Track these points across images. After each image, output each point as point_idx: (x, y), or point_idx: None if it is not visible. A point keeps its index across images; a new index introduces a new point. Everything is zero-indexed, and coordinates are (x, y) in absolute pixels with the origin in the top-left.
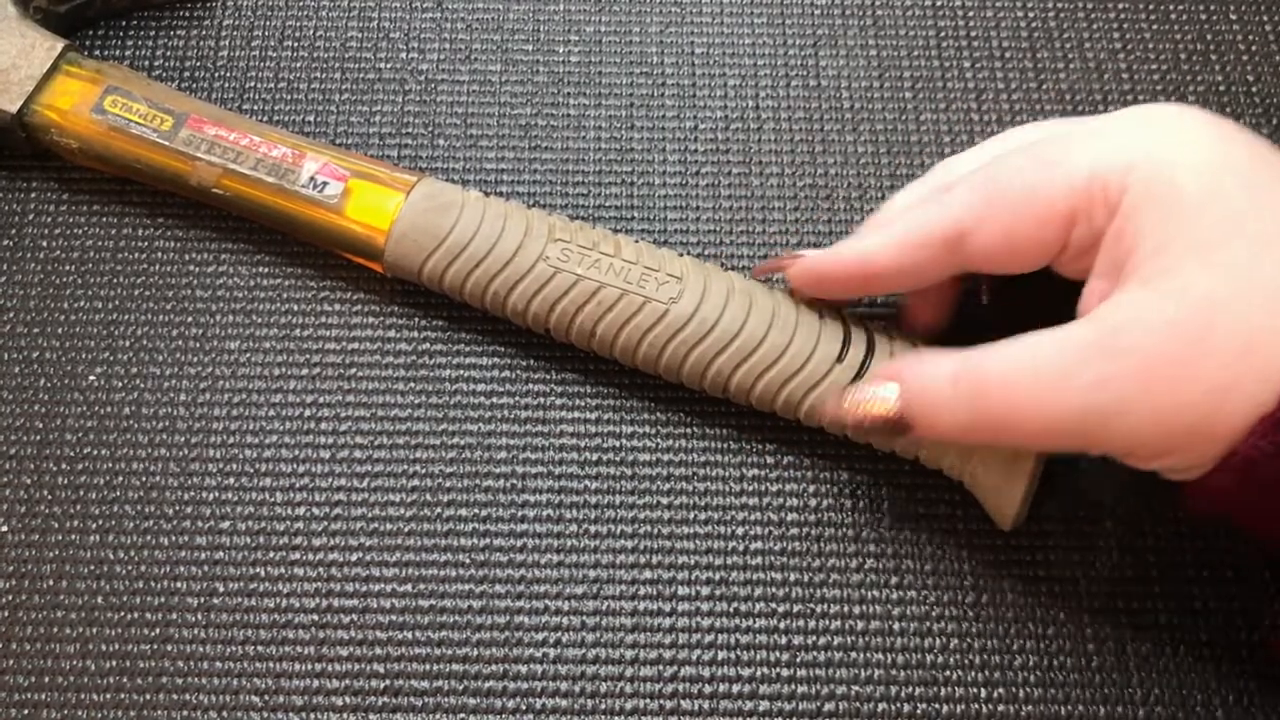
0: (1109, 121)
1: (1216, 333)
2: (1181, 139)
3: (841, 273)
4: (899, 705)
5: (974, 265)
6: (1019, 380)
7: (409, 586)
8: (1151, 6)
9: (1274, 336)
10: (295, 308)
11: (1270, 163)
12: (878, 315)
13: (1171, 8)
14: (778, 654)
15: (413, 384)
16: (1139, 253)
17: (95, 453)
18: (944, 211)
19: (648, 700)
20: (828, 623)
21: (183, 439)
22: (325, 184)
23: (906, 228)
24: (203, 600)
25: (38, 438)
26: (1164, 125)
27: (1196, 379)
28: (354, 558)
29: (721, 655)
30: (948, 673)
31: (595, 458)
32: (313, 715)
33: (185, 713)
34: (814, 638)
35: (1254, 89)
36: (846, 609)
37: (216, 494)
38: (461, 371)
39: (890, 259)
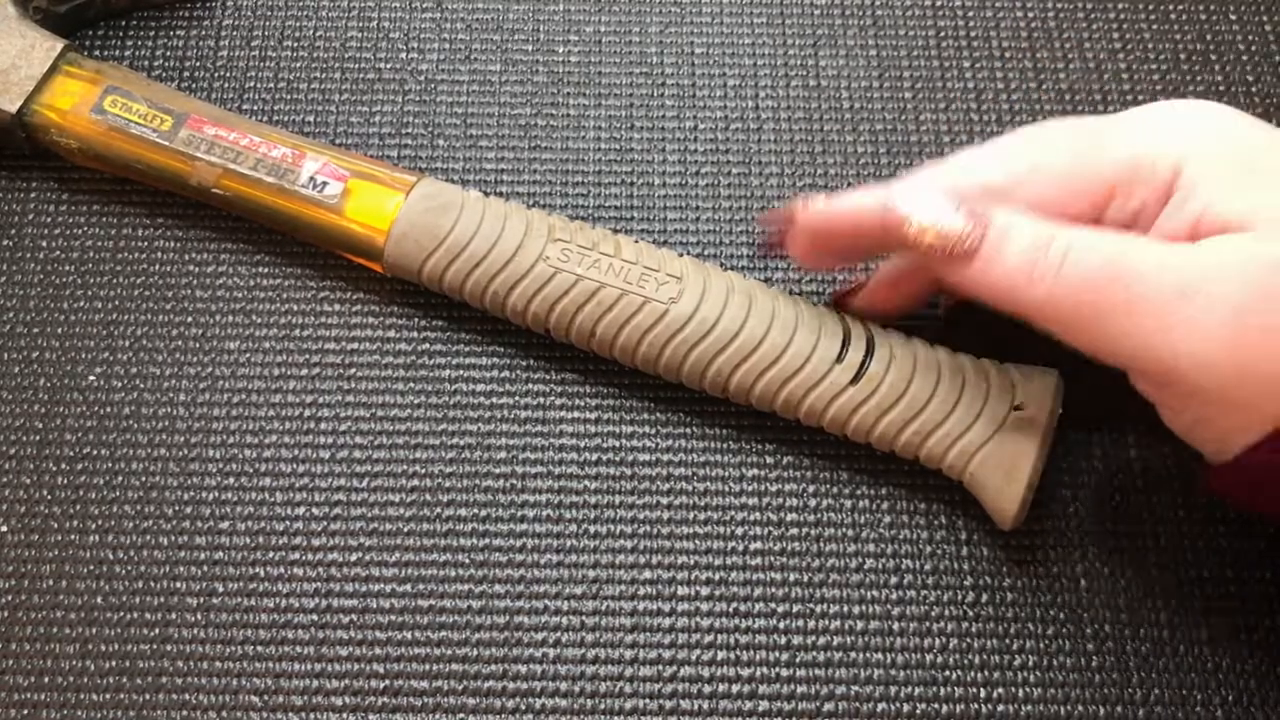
0: (1144, 110)
1: None
2: (1220, 119)
3: (856, 218)
4: (898, 705)
5: None
6: (1129, 278)
7: (408, 586)
8: (1151, 6)
9: None
10: (295, 308)
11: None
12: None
13: (1171, 8)
14: (777, 654)
15: (412, 384)
16: (1213, 218)
17: (95, 453)
18: (973, 172)
19: (647, 700)
20: (827, 622)
21: (182, 439)
22: (325, 184)
23: (933, 182)
24: (202, 600)
25: (37, 438)
26: (1197, 111)
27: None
28: (353, 558)
29: (721, 655)
30: (947, 672)
31: (595, 458)
32: (312, 715)
33: (185, 713)
34: (813, 638)
35: (1254, 89)
36: (846, 609)
37: (216, 494)
38: (461, 371)
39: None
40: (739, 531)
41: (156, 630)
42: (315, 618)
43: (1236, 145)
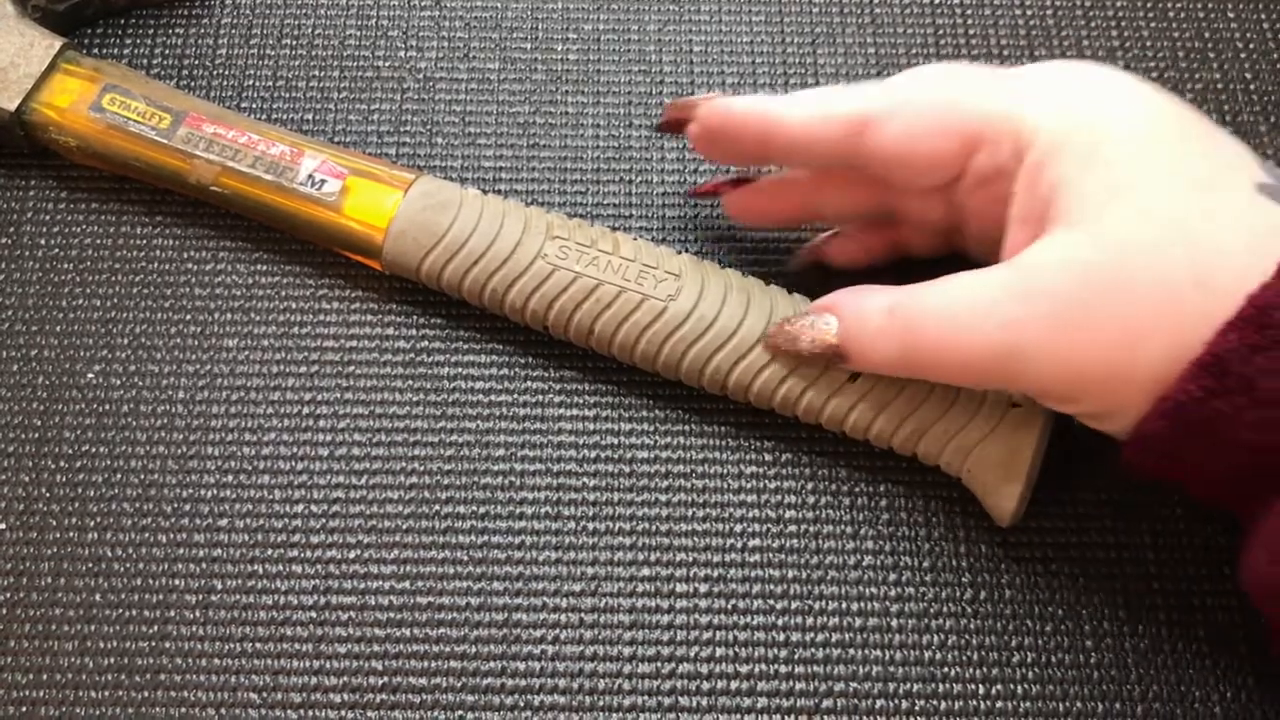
0: (1032, 69)
1: (1134, 277)
2: (1104, 92)
3: (744, 119)
4: (897, 702)
5: (869, 161)
6: (940, 318)
7: (407, 584)
8: (1149, 5)
9: (1198, 285)
10: (293, 305)
11: (1193, 118)
12: None
13: (1169, 6)
14: (776, 651)
15: (411, 381)
16: (1060, 198)
17: (94, 450)
18: (856, 95)
19: (646, 697)
20: (826, 619)
21: (181, 436)
22: (323, 182)
23: (819, 98)
24: (201, 597)
25: (36, 435)
26: (1086, 79)
27: (1109, 323)
28: (352, 555)
29: (720, 652)
30: (946, 669)
31: (593, 455)
32: (311, 712)
33: (183, 710)
34: (812, 634)
35: (1251, 87)
36: (845, 606)
37: (215, 491)
38: (460, 369)
39: (793, 120)
40: (738, 528)
41: (155, 628)
42: (314, 615)
43: (1100, 123)
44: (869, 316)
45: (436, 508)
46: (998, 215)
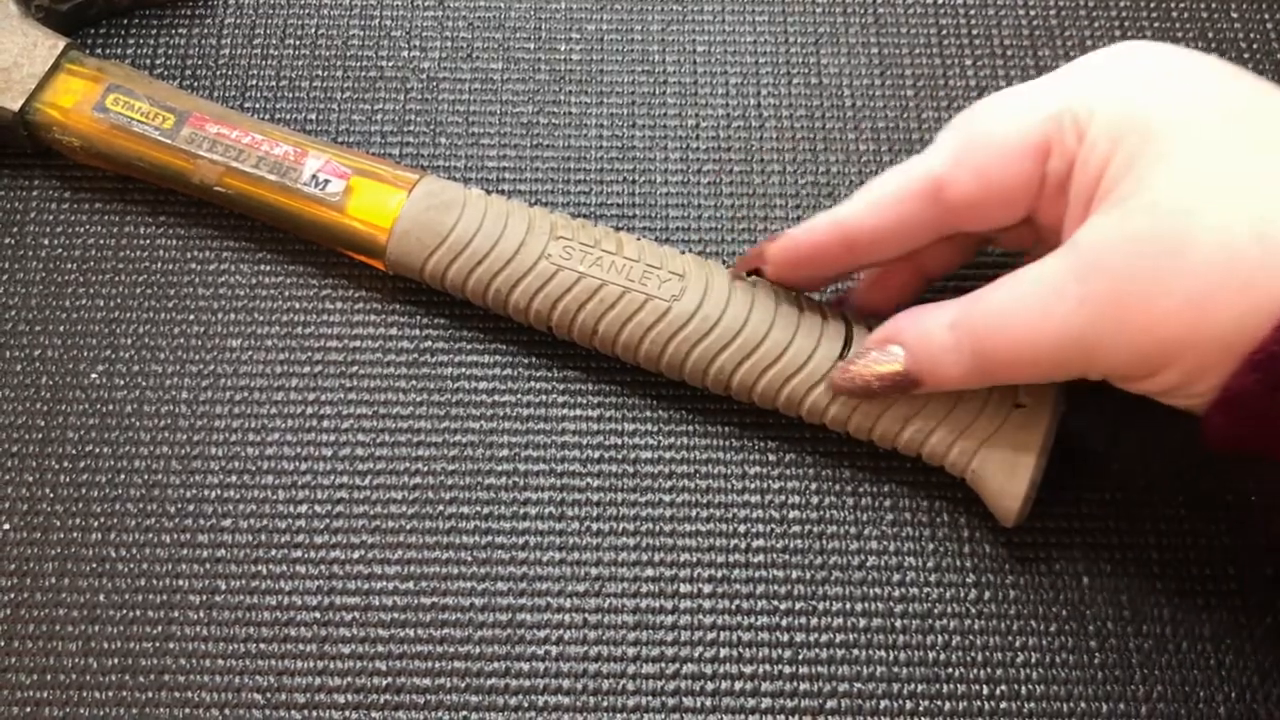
0: (1076, 62)
1: (1193, 240)
2: (1148, 66)
3: (819, 243)
4: (901, 702)
5: (958, 218)
6: (1007, 318)
7: (411, 584)
8: (1153, 4)
9: (1259, 239)
10: (297, 305)
11: (1248, 82)
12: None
13: (1173, 5)
14: (780, 651)
15: (415, 382)
16: (1109, 175)
17: (97, 451)
18: (918, 162)
19: (650, 698)
20: (830, 620)
21: (185, 437)
22: (327, 182)
23: (882, 185)
24: (205, 598)
25: (40, 436)
26: (1129, 57)
27: (1175, 289)
28: (356, 555)
29: (724, 653)
30: (950, 670)
31: (597, 455)
32: (315, 713)
33: (187, 710)
34: (816, 635)
35: None
36: (849, 606)
37: (219, 492)
38: (463, 369)
39: (868, 220)
40: (741, 529)
41: (159, 628)
42: (318, 615)
43: (1151, 96)
44: (934, 336)
45: (440, 508)
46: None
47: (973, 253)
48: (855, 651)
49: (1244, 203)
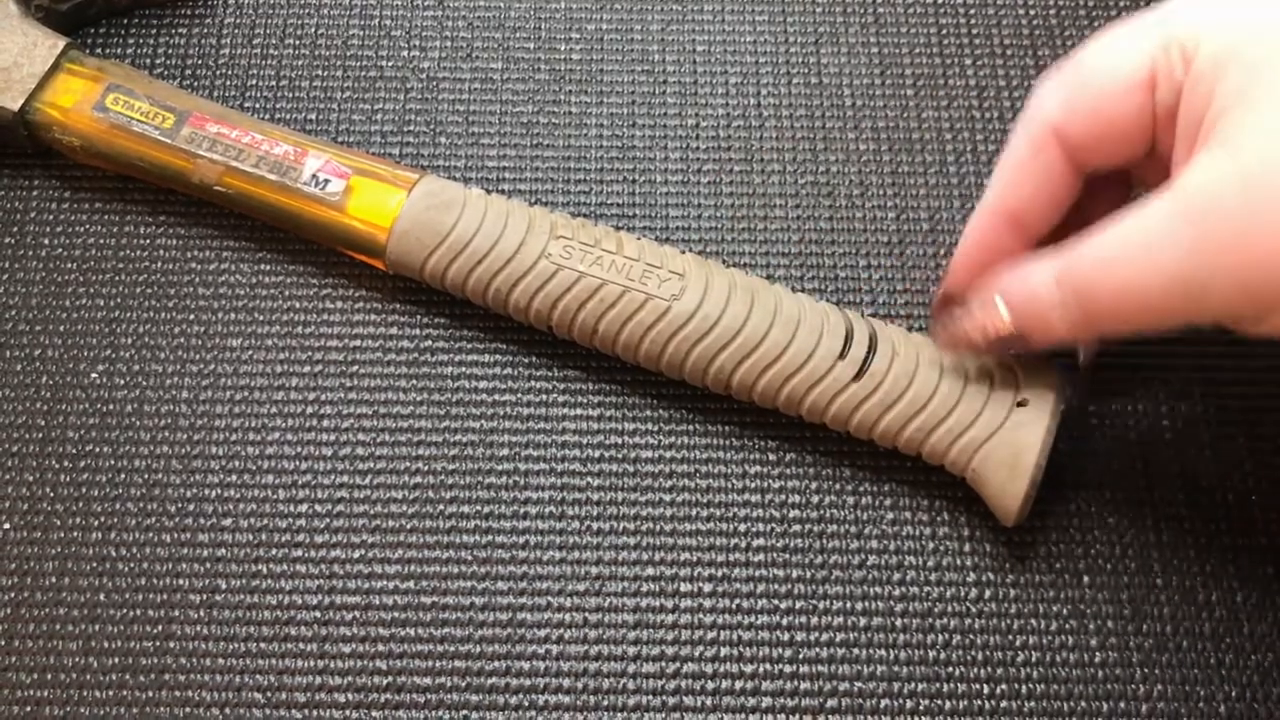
0: None
1: None
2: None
3: (985, 238)
4: (901, 701)
5: (1086, 158)
6: (1115, 266)
7: (411, 583)
8: (1153, 4)
9: None
10: (297, 305)
11: None
12: (883, 316)
13: None
14: (780, 650)
15: (415, 381)
16: (1213, 113)
17: (98, 450)
18: (1033, 116)
19: (650, 697)
20: (830, 619)
21: (185, 436)
22: (327, 181)
23: (1010, 153)
24: (205, 597)
25: (40, 435)
26: None
27: None
28: (356, 555)
29: (724, 652)
30: (950, 669)
31: (597, 454)
32: (315, 712)
33: (188, 710)
34: (816, 634)
35: None
36: (849, 605)
37: (219, 491)
38: (464, 369)
39: (1010, 193)
40: (742, 528)
41: (159, 627)
42: (318, 614)
43: (1258, 33)
44: (1038, 291)
45: (441, 507)
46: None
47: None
48: (856, 650)
49: None
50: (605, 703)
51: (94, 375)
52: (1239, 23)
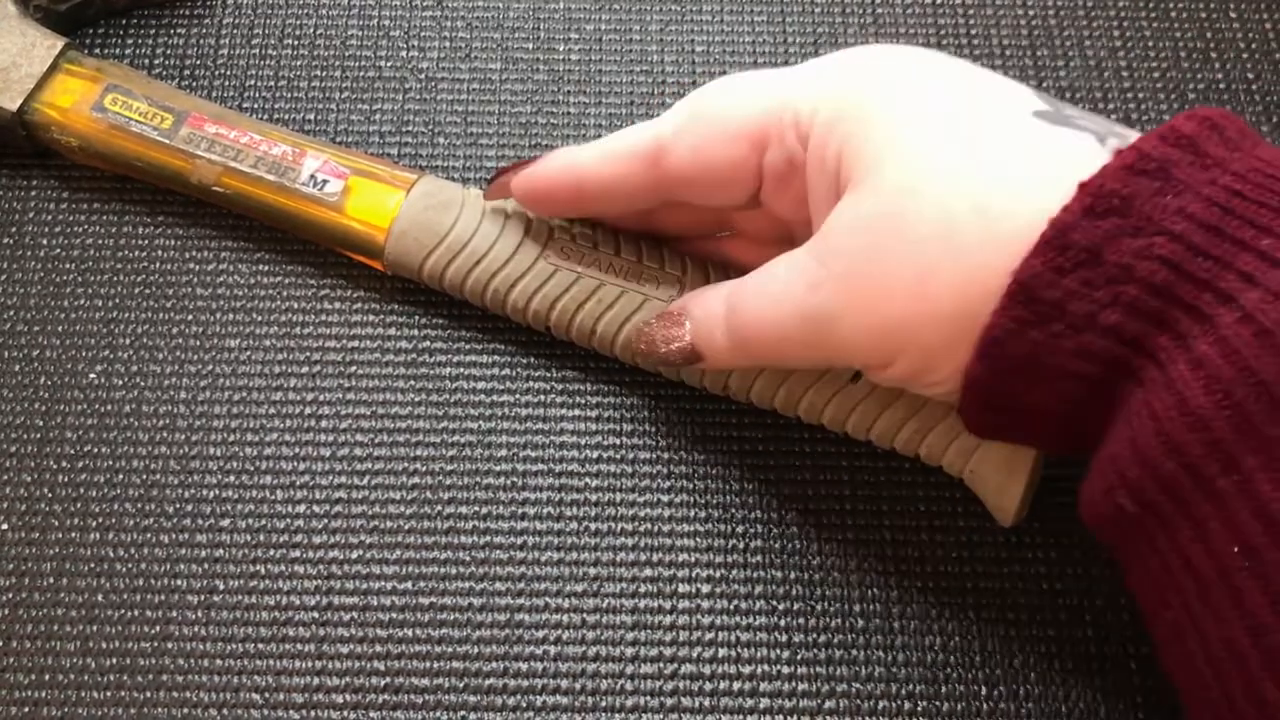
0: (810, 61)
1: (916, 216)
2: (871, 61)
3: (552, 183)
4: (900, 703)
5: (675, 187)
6: (759, 297)
7: (409, 584)
8: (1151, 4)
9: (977, 212)
10: (295, 305)
11: (963, 66)
12: None
13: (1171, 6)
14: (778, 651)
15: (413, 382)
16: (844, 167)
17: (95, 451)
18: (646, 126)
19: (648, 698)
20: (828, 620)
21: (183, 437)
22: (325, 182)
23: (613, 139)
24: (203, 598)
25: (38, 436)
26: (854, 59)
27: (899, 269)
28: (354, 555)
29: (722, 653)
30: (949, 670)
31: (595, 455)
32: (313, 713)
33: (185, 710)
34: (814, 635)
35: (1254, 86)
36: (847, 606)
37: (217, 492)
38: (462, 369)
39: (595, 168)
40: (740, 529)
41: (157, 628)
42: (316, 615)
43: (869, 87)
44: (712, 310)
45: (439, 508)
46: (806, 214)
47: (711, 230)
48: (854, 652)
49: (965, 181)
50: (603, 703)
51: (92, 375)
52: (855, 89)
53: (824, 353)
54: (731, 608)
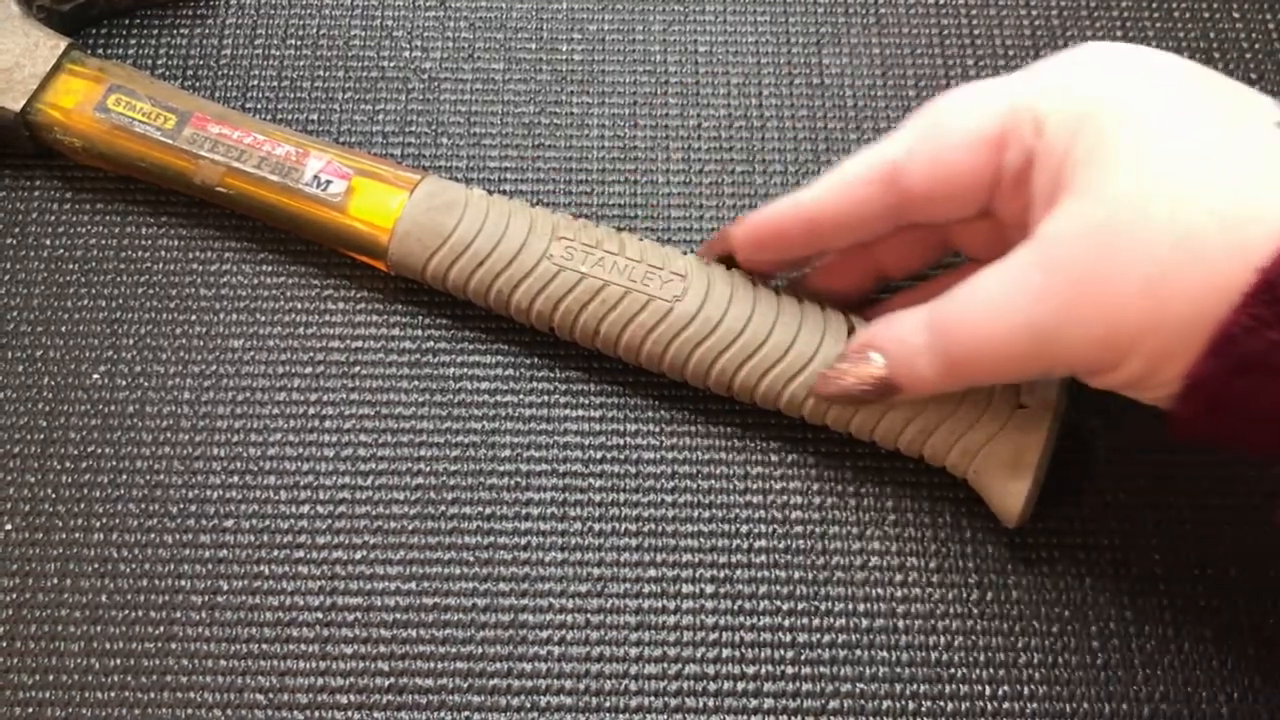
0: (1040, 61)
1: (1148, 226)
2: (1108, 65)
3: (781, 226)
4: (904, 703)
5: (914, 206)
6: (973, 313)
7: (413, 584)
8: (1155, 4)
9: (1214, 216)
10: (299, 306)
11: (1203, 73)
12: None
13: (1174, 5)
14: (782, 652)
15: (417, 382)
16: (1069, 169)
17: (99, 451)
18: (880, 149)
19: (652, 698)
20: (832, 620)
21: (187, 437)
22: (329, 182)
23: (844, 170)
24: (207, 598)
25: (42, 436)
26: (1088, 56)
27: (1131, 276)
28: (358, 556)
29: (726, 653)
30: (953, 670)
31: (599, 455)
32: (318, 713)
33: (190, 710)
34: (818, 635)
35: (1257, 87)
36: (851, 607)
37: (221, 492)
38: (465, 370)
39: (829, 203)
40: (743, 529)
41: (161, 628)
42: (320, 615)
43: (1105, 91)
44: (909, 339)
45: (442, 508)
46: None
47: (934, 256)
48: (858, 652)
49: (1200, 187)
50: (607, 704)
51: (96, 376)
52: (1089, 89)
53: (1046, 364)
54: (735, 608)
